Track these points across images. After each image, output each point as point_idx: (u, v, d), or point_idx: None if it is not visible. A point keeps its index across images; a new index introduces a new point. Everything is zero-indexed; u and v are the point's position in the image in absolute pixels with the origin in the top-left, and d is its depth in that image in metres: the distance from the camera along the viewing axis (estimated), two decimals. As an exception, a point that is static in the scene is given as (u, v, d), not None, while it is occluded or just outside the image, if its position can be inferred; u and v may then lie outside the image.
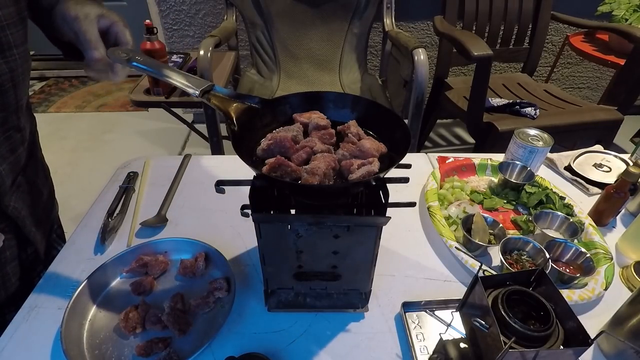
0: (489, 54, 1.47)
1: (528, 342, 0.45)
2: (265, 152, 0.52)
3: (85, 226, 0.79)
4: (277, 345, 0.59)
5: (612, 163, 0.99)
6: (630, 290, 0.69)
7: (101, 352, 0.57)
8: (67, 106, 3.01)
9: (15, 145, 0.64)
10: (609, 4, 1.98)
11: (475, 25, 1.93)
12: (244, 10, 1.90)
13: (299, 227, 0.52)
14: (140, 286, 0.65)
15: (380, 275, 0.70)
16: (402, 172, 0.55)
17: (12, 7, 0.56)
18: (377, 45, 2.39)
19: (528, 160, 0.90)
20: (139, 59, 0.53)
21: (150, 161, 0.98)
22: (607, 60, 1.93)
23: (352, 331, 0.62)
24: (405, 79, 1.73)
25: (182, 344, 0.58)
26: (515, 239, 0.72)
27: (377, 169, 0.49)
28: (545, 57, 2.54)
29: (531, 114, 1.66)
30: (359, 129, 0.56)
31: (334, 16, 1.93)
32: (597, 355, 0.59)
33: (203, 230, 0.79)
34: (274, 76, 2.01)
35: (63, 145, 2.56)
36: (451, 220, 0.82)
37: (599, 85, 2.76)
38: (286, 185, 0.52)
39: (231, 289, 0.64)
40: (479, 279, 0.50)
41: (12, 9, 0.56)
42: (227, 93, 0.54)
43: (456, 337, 0.58)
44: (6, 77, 0.57)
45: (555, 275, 0.68)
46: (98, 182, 0.89)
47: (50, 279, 0.68)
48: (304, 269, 0.59)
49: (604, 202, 0.81)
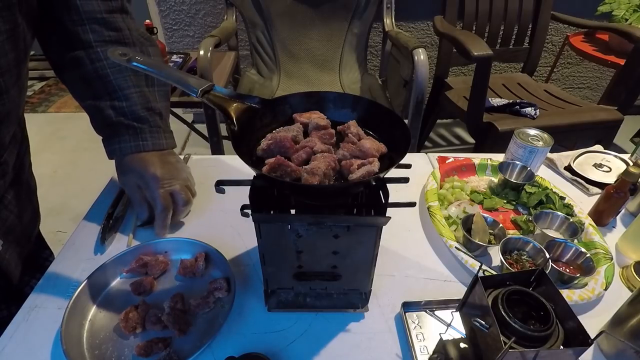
0: (489, 54, 1.47)
1: (528, 342, 0.45)
2: (265, 152, 0.52)
3: (85, 226, 0.79)
4: (277, 345, 0.59)
5: (612, 163, 0.99)
6: (630, 290, 0.69)
7: (101, 352, 0.57)
8: (67, 106, 3.01)
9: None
10: (609, 4, 1.99)
11: (475, 25, 1.93)
12: (244, 10, 1.90)
13: (299, 227, 0.52)
14: (140, 286, 0.65)
15: (380, 275, 0.70)
16: (402, 172, 0.55)
17: (12, 54, 0.55)
18: (377, 45, 2.39)
19: (528, 160, 0.90)
20: (139, 59, 0.53)
21: (150, 161, 0.98)
22: (607, 60, 1.94)
23: (352, 331, 0.62)
24: (405, 79, 1.73)
25: (182, 344, 0.58)
26: (515, 239, 0.72)
27: (377, 169, 0.49)
28: (545, 57, 2.55)
29: (531, 114, 1.66)
30: (359, 129, 0.56)
31: (334, 16, 1.93)
32: (597, 355, 0.59)
33: (203, 230, 0.79)
34: (274, 76, 2.01)
35: (63, 145, 2.56)
36: (451, 220, 0.82)
37: (599, 85, 2.76)
38: (286, 185, 0.52)
39: (231, 289, 0.64)
40: (479, 279, 0.50)
41: (11, 55, 0.55)
42: (227, 93, 0.54)
43: (456, 337, 0.58)
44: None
45: (555, 275, 0.68)
46: (98, 182, 0.89)
47: (50, 279, 0.68)
48: (304, 269, 0.59)
49: (604, 202, 0.81)
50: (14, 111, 0.61)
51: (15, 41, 0.55)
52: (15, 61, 0.56)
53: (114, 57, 0.53)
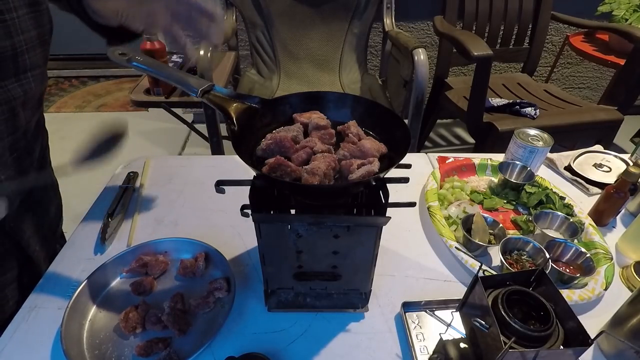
0: (489, 54, 1.47)
1: (528, 342, 0.45)
2: (265, 152, 0.52)
3: (85, 226, 0.79)
4: (277, 345, 0.59)
5: (612, 163, 0.99)
6: (630, 290, 0.69)
7: (101, 352, 0.57)
8: (67, 106, 3.01)
9: (24, 167, 0.62)
10: (609, 4, 1.98)
11: (475, 25, 1.93)
12: (244, 10, 1.90)
13: (299, 227, 0.52)
14: (140, 286, 0.65)
15: (380, 275, 0.70)
16: (402, 172, 0.55)
17: (34, 31, 0.55)
18: (377, 45, 2.39)
19: (528, 160, 0.90)
20: (139, 59, 0.53)
21: (150, 161, 0.98)
22: (607, 60, 1.93)
23: (352, 331, 0.62)
24: (405, 79, 1.73)
25: (182, 344, 0.58)
26: (515, 239, 0.72)
27: (377, 169, 0.49)
28: (545, 57, 2.54)
29: (531, 114, 1.66)
30: (359, 129, 0.56)
31: (334, 16, 1.93)
32: (597, 355, 0.59)
33: (203, 230, 0.79)
34: (274, 76, 2.01)
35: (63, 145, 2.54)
36: (451, 220, 0.82)
37: (599, 85, 2.76)
38: (286, 185, 0.52)
39: (231, 289, 0.64)
40: (479, 279, 0.50)
41: (34, 32, 0.55)
42: (227, 93, 0.54)
43: (456, 337, 0.58)
44: (19, 100, 0.56)
45: (555, 275, 0.68)
46: (98, 182, 0.89)
47: (50, 279, 0.68)
48: (304, 269, 0.59)
49: (604, 202, 0.81)
50: (37, 94, 0.61)
51: (39, 18, 0.55)
52: (39, 40, 0.56)
53: (113, 57, 0.53)
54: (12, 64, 0.53)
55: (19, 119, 0.58)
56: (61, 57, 3.33)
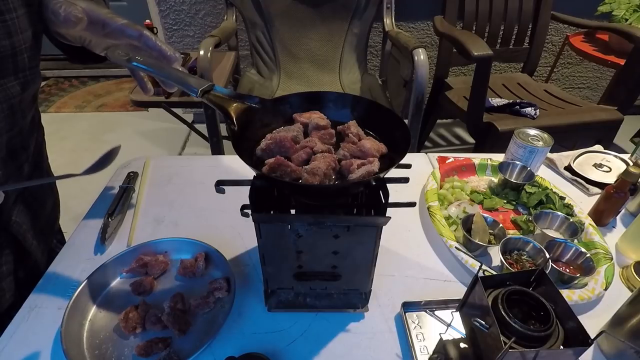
0: (489, 54, 1.47)
1: (528, 342, 0.45)
2: (265, 152, 0.52)
3: (85, 226, 0.79)
4: (277, 345, 0.59)
5: (612, 163, 0.99)
6: (630, 290, 0.69)
7: (101, 352, 0.57)
8: (67, 106, 3.01)
9: (20, 162, 0.64)
10: (609, 4, 1.99)
11: (475, 25, 1.93)
12: (244, 10, 1.90)
13: (299, 227, 0.52)
14: (140, 286, 0.65)
15: (380, 275, 0.70)
16: (402, 172, 0.55)
17: (30, 30, 0.55)
18: (377, 45, 2.39)
19: (528, 160, 0.90)
20: (139, 58, 0.53)
21: (150, 161, 0.98)
22: (607, 60, 1.93)
23: (352, 331, 0.62)
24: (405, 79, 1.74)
25: (182, 344, 0.58)
26: (515, 239, 0.72)
27: (377, 169, 0.49)
28: (545, 57, 2.54)
29: (531, 114, 1.66)
30: (359, 129, 0.56)
31: (334, 16, 1.93)
32: (597, 355, 0.59)
33: (203, 230, 0.79)
34: (274, 76, 2.01)
35: (63, 145, 2.56)
36: (451, 220, 0.82)
37: (599, 85, 2.76)
38: (286, 185, 0.52)
39: (231, 289, 0.64)
40: (479, 279, 0.50)
41: (30, 31, 0.55)
42: (227, 93, 0.54)
43: (456, 337, 0.58)
44: (17, 98, 0.57)
45: (555, 275, 0.68)
46: (98, 182, 0.89)
47: (50, 279, 0.68)
48: (304, 269, 0.59)
49: (604, 202, 0.81)
50: (33, 91, 0.62)
51: (33, 17, 0.56)
52: (35, 38, 0.57)
53: (113, 56, 0.53)
54: (11, 63, 0.53)
55: (17, 116, 0.59)
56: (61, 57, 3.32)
